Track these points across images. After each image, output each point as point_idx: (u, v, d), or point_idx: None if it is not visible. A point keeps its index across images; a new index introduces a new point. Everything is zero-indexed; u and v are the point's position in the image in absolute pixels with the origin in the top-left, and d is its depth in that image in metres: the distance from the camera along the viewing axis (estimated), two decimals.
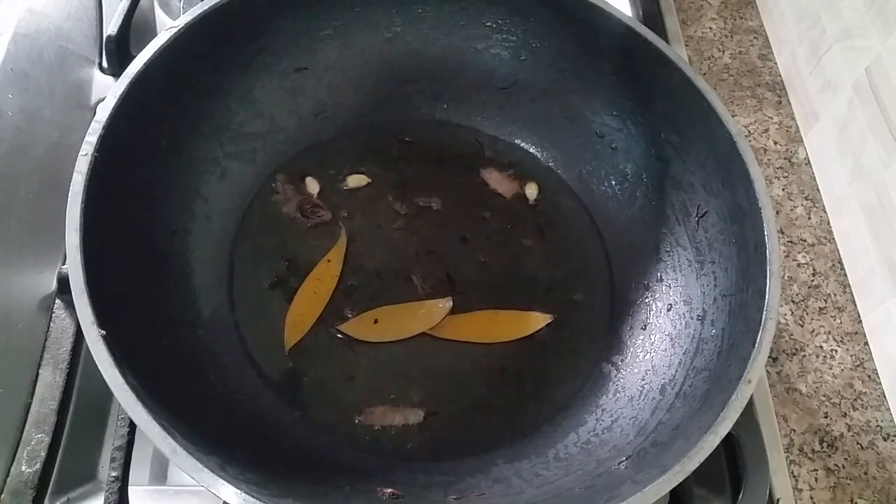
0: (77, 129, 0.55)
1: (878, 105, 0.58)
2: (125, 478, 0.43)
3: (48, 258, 0.52)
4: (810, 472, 0.53)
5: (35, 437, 0.45)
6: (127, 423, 0.44)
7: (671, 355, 0.48)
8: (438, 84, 0.59)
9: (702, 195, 0.49)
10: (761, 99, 0.73)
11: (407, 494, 0.42)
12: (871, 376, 0.57)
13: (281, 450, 0.44)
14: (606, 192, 0.57)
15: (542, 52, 0.56)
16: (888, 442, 0.54)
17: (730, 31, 0.77)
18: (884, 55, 0.58)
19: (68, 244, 0.37)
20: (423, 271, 0.54)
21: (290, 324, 0.50)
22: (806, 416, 0.55)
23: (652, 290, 0.52)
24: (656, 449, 0.40)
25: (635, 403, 0.47)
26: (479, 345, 0.51)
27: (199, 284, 0.49)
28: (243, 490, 0.33)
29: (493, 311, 0.52)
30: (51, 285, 0.51)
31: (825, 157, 0.67)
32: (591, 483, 0.41)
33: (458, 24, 0.56)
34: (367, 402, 0.48)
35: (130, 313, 0.40)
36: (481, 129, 0.61)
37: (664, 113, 0.51)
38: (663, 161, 0.52)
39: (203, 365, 0.46)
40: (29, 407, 0.46)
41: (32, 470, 0.44)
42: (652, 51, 0.49)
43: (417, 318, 0.51)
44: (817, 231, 0.65)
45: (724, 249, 0.47)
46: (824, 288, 0.61)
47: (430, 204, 0.57)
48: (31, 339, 0.49)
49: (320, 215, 0.55)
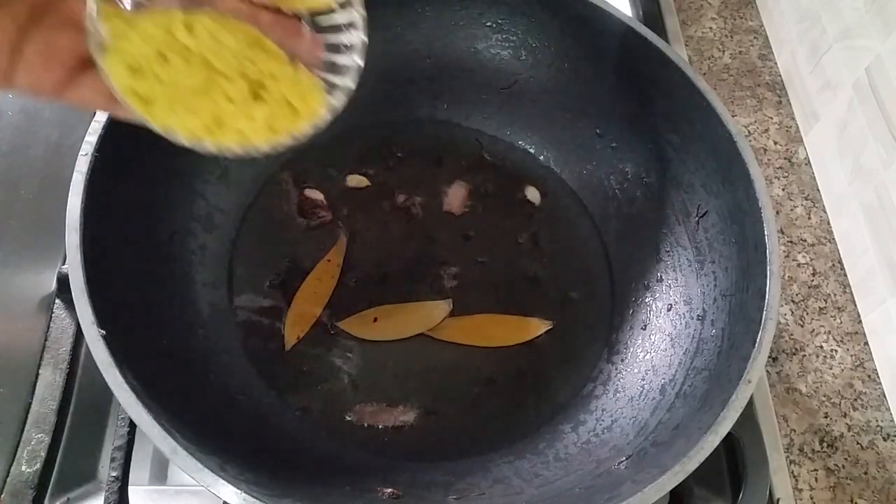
0: (77, 129, 0.55)
1: (878, 105, 0.58)
2: (125, 478, 0.43)
3: (48, 258, 0.52)
4: (810, 472, 0.53)
5: (35, 437, 0.45)
6: (127, 423, 0.44)
7: (671, 355, 0.48)
8: (438, 84, 0.59)
9: (702, 195, 0.49)
10: (761, 99, 0.73)
11: (407, 494, 0.42)
12: (871, 376, 0.57)
13: (281, 450, 0.44)
14: (606, 192, 0.57)
15: (542, 52, 0.56)
16: (888, 442, 0.54)
17: (730, 31, 0.77)
18: (884, 55, 0.58)
19: (68, 244, 0.37)
20: (422, 271, 0.54)
21: (290, 323, 0.50)
22: (806, 416, 0.55)
23: (652, 290, 0.52)
24: (656, 449, 0.40)
25: (635, 403, 0.47)
26: (478, 346, 0.51)
27: (199, 284, 0.49)
28: (243, 490, 0.33)
29: (492, 315, 0.52)
30: (51, 285, 0.51)
31: (825, 157, 0.67)
32: (591, 483, 0.41)
33: (458, 24, 0.56)
34: (368, 401, 0.48)
35: (130, 313, 0.40)
36: (481, 129, 0.61)
37: (664, 113, 0.51)
38: (663, 161, 0.52)
39: (203, 365, 0.46)
40: (29, 407, 0.46)
41: (32, 470, 0.44)
42: (652, 51, 0.49)
43: (417, 319, 0.51)
44: (817, 231, 0.65)
45: (724, 249, 0.47)
46: (824, 288, 0.61)
47: (430, 204, 0.57)
48: (31, 339, 0.49)
49: (321, 215, 0.55)
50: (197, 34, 0.28)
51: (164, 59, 0.28)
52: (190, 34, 0.28)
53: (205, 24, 0.29)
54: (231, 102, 0.29)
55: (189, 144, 0.29)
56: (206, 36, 0.28)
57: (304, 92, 0.30)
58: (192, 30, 0.28)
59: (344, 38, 0.31)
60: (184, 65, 0.28)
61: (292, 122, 0.30)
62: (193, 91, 0.29)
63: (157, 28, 0.28)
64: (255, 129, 0.30)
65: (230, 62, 0.29)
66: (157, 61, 0.28)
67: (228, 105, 0.29)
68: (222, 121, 0.29)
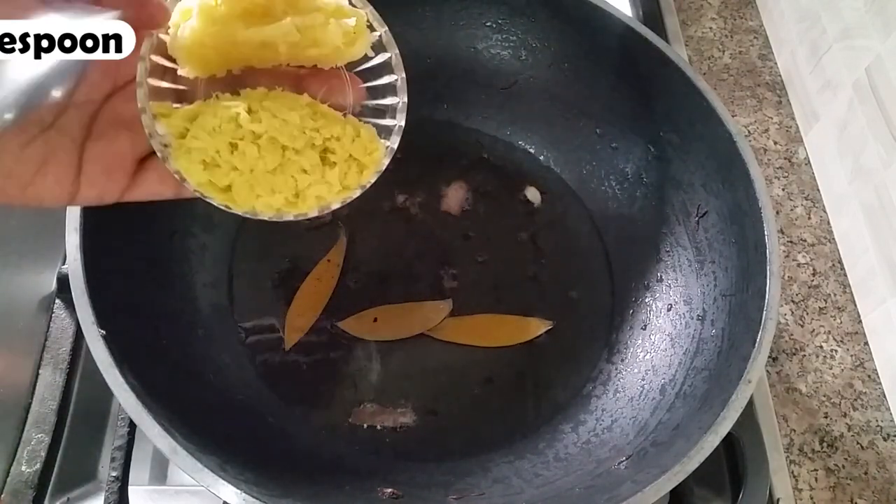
0: None
1: (878, 105, 0.58)
2: (125, 478, 0.43)
3: (48, 258, 0.52)
4: (810, 472, 0.53)
5: (35, 437, 0.45)
6: (127, 423, 0.44)
7: (671, 355, 0.48)
8: (438, 84, 0.59)
9: (702, 195, 0.49)
10: (761, 99, 0.73)
11: (407, 494, 0.42)
12: (871, 376, 0.57)
13: (281, 450, 0.44)
14: (606, 192, 0.57)
15: (542, 52, 0.56)
16: (888, 442, 0.54)
17: (730, 31, 0.77)
18: (884, 55, 0.58)
19: (68, 244, 0.37)
20: (422, 271, 0.54)
21: (290, 324, 0.50)
22: (806, 416, 0.55)
23: (652, 290, 0.52)
24: (656, 449, 0.40)
25: (635, 403, 0.47)
26: (478, 346, 0.51)
27: (199, 284, 0.49)
28: (243, 490, 0.33)
29: (492, 315, 0.52)
30: (51, 285, 0.51)
31: (825, 157, 0.67)
32: (591, 483, 0.41)
33: (459, 24, 0.56)
34: (368, 401, 0.48)
35: (130, 313, 0.40)
36: (481, 129, 0.61)
37: (664, 113, 0.51)
38: (663, 161, 0.52)
39: (203, 365, 0.46)
40: (29, 407, 0.46)
41: (32, 470, 0.44)
42: (652, 51, 0.49)
43: (417, 319, 0.51)
44: (817, 231, 0.65)
45: (724, 249, 0.47)
46: (824, 288, 0.61)
47: (430, 204, 0.57)
48: (31, 339, 0.49)
49: (321, 215, 0.55)
50: (261, 117, 0.29)
51: (235, 147, 0.29)
52: (253, 119, 0.29)
53: (265, 107, 0.30)
54: (306, 173, 0.30)
55: (270, 219, 0.30)
56: (268, 117, 0.29)
57: (365, 144, 0.32)
58: (254, 114, 0.29)
59: (384, 79, 0.32)
60: (255, 150, 0.29)
61: (360, 175, 0.32)
62: (269, 172, 0.30)
63: (219, 120, 0.29)
64: (331, 191, 0.31)
65: (297, 136, 0.30)
66: (228, 152, 0.29)
67: (304, 176, 0.30)
68: (301, 191, 0.31)
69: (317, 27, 0.29)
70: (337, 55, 0.30)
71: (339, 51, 0.30)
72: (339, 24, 0.29)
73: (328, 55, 0.30)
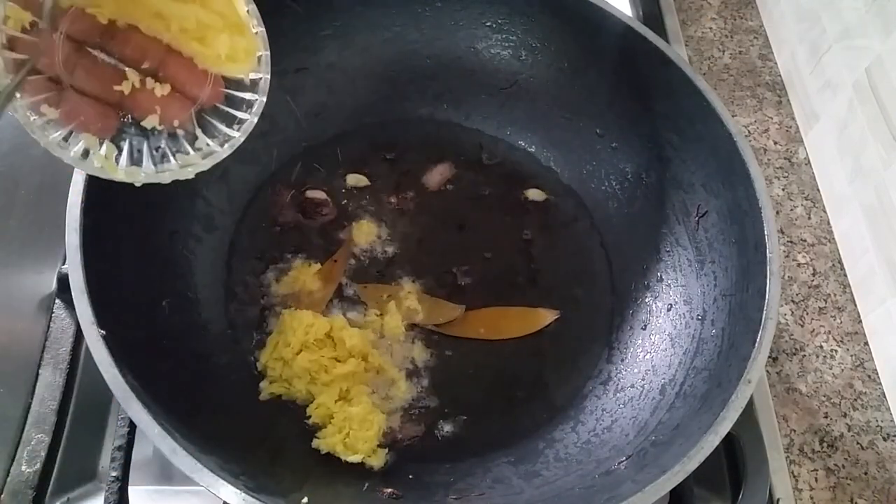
0: None
1: (878, 105, 0.58)
2: (125, 478, 0.43)
3: (48, 258, 0.52)
4: (810, 472, 0.53)
5: (35, 437, 0.45)
6: (127, 423, 0.44)
7: (671, 355, 0.48)
8: (439, 84, 0.59)
9: (702, 195, 0.49)
10: (761, 99, 0.73)
11: (407, 494, 0.42)
12: (871, 376, 0.57)
13: (281, 450, 0.44)
14: (606, 191, 0.57)
15: (542, 52, 0.56)
16: (888, 442, 0.54)
17: (730, 31, 0.77)
18: (884, 55, 0.58)
19: (68, 244, 0.37)
20: (422, 271, 0.53)
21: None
22: (806, 416, 0.55)
23: (652, 290, 0.52)
24: (656, 449, 0.40)
25: (635, 403, 0.47)
26: (478, 345, 0.51)
27: (199, 284, 0.49)
28: (243, 490, 0.33)
29: (500, 308, 0.52)
30: (51, 285, 0.51)
31: (825, 157, 0.67)
32: (591, 483, 0.41)
33: (459, 24, 0.56)
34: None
35: (130, 313, 0.40)
36: (481, 129, 0.61)
37: (664, 113, 0.51)
38: (663, 161, 0.52)
39: (203, 365, 0.46)
40: (29, 407, 0.46)
41: (32, 470, 0.44)
42: (652, 50, 0.49)
43: (424, 316, 0.51)
44: (817, 231, 0.65)
45: (724, 249, 0.47)
46: (824, 288, 0.61)
47: (430, 203, 0.57)
48: (31, 339, 0.49)
49: (324, 213, 0.55)
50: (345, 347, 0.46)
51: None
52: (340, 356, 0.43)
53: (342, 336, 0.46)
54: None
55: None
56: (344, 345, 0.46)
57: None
58: (340, 346, 0.43)
59: (247, 95, 0.32)
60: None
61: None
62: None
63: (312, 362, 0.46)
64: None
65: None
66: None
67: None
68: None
69: (211, 28, 0.30)
70: (215, 62, 0.31)
71: (218, 59, 0.31)
72: (231, 39, 0.30)
73: (207, 57, 0.31)
